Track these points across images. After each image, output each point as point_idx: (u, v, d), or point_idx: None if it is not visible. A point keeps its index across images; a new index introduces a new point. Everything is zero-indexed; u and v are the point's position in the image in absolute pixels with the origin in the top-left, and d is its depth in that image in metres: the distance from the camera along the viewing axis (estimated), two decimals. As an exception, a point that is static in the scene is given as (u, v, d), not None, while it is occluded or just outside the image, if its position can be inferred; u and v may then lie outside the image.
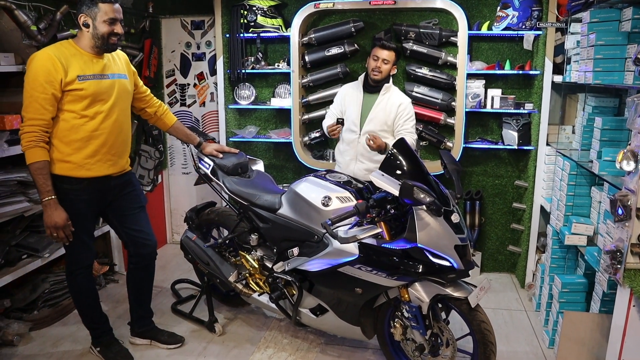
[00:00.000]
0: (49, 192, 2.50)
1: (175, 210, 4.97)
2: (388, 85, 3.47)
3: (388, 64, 3.38)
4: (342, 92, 3.63)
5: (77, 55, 2.55)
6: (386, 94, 3.45)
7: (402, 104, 3.43)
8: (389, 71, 3.41)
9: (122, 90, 2.74)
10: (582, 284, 3.01)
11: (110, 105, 2.65)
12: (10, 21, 2.99)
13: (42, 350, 3.10)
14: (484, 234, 4.26)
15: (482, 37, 3.96)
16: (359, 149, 3.46)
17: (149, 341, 3.16)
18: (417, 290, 2.48)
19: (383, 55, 3.35)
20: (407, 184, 2.22)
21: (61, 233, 2.55)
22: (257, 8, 4.09)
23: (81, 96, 2.54)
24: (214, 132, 4.64)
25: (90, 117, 2.59)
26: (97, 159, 2.65)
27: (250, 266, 3.15)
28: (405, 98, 3.50)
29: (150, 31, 4.42)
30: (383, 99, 3.43)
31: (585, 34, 2.78)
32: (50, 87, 2.44)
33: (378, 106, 3.43)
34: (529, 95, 3.96)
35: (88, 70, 2.56)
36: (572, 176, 3.01)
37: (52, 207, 2.51)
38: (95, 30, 2.53)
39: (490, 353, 2.44)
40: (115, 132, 2.71)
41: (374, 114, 3.43)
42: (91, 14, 2.50)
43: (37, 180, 2.48)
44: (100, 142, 2.65)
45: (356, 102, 3.49)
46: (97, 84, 2.58)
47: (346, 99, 3.56)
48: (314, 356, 3.07)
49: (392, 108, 3.42)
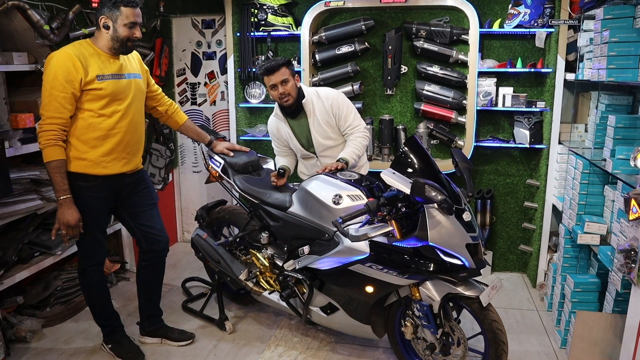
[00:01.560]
0: (65, 191, 2.53)
1: (186, 208, 4.99)
2: (305, 100, 3.13)
3: (289, 81, 3.03)
4: (272, 131, 3.36)
5: (95, 55, 2.57)
6: (311, 108, 3.15)
7: (333, 104, 3.13)
8: (295, 86, 3.08)
9: (138, 89, 2.77)
10: (594, 284, 2.98)
11: (127, 104, 2.69)
12: (23, 21, 3.02)
13: (54, 346, 3.13)
14: (495, 233, 4.24)
15: (493, 35, 3.93)
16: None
17: (160, 340, 3.17)
18: (428, 288, 2.47)
19: (275, 79, 3.02)
20: (419, 182, 2.22)
21: (71, 232, 2.58)
22: (267, 7, 4.09)
23: (100, 96, 2.57)
24: (225, 130, 4.65)
25: (107, 116, 2.62)
26: (112, 157, 2.68)
27: (261, 264, 3.16)
28: (329, 94, 3.17)
29: (161, 30, 4.44)
30: (313, 119, 3.16)
31: (598, 31, 2.76)
32: (70, 86, 2.46)
33: (315, 124, 3.17)
34: (541, 93, 3.93)
35: (106, 70, 2.59)
36: (585, 175, 2.98)
37: (66, 206, 2.54)
38: (115, 32, 2.56)
39: (502, 352, 2.42)
40: (131, 131, 2.73)
41: (316, 133, 3.18)
42: (112, 16, 2.53)
43: (54, 179, 2.51)
44: (117, 141, 2.67)
45: (291, 134, 3.25)
46: (115, 83, 2.61)
47: (280, 134, 3.30)
48: (324, 355, 3.07)
49: (328, 115, 3.15)
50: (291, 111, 3.18)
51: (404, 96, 4.17)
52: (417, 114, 4.11)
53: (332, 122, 3.19)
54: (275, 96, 3.09)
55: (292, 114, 3.20)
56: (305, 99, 3.14)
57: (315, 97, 3.17)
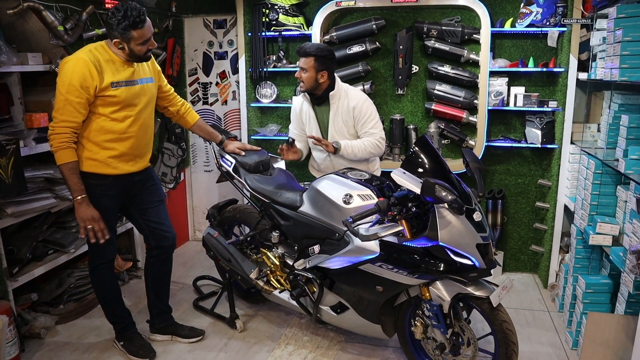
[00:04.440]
0: (82, 191, 2.58)
1: (197, 207, 5.02)
2: (333, 93, 3.22)
3: (308, 71, 3.13)
4: (295, 109, 3.46)
5: (110, 61, 2.60)
6: (336, 103, 3.24)
7: (356, 107, 3.20)
8: (313, 79, 3.15)
9: (150, 94, 2.82)
10: (606, 285, 2.96)
11: (139, 110, 2.73)
12: (38, 22, 3.06)
13: (67, 343, 3.17)
14: (506, 233, 4.22)
15: (505, 34, 3.91)
16: (335, 164, 3.32)
17: (170, 337, 3.20)
18: (439, 288, 2.47)
19: (300, 63, 3.15)
20: (429, 181, 2.22)
21: (97, 225, 2.61)
22: (278, 6, 4.10)
23: (113, 102, 2.61)
24: (236, 130, 4.67)
25: (119, 120, 2.67)
26: (122, 159, 2.74)
27: (272, 263, 3.17)
28: (357, 97, 3.25)
29: (173, 30, 4.47)
30: (335, 109, 3.25)
31: (611, 30, 2.73)
32: (85, 92, 2.50)
33: (335, 119, 3.26)
34: (553, 93, 3.90)
35: (120, 76, 2.62)
36: (597, 175, 2.96)
37: (85, 204, 2.59)
38: (131, 51, 2.60)
39: (512, 353, 2.42)
40: (141, 135, 2.79)
41: (333, 127, 3.27)
42: (125, 39, 2.55)
43: (70, 180, 2.55)
44: (128, 144, 2.73)
45: (311, 119, 3.33)
46: (128, 90, 2.65)
47: (301, 115, 3.40)
48: (334, 354, 3.07)
49: (349, 115, 3.23)
50: (317, 99, 3.28)
51: (415, 96, 4.16)
52: (428, 114, 4.10)
53: (350, 122, 3.24)
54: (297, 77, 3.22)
55: (317, 100, 3.30)
56: (333, 92, 3.22)
57: (344, 94, 3.25)
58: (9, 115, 2.96)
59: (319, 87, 3.21)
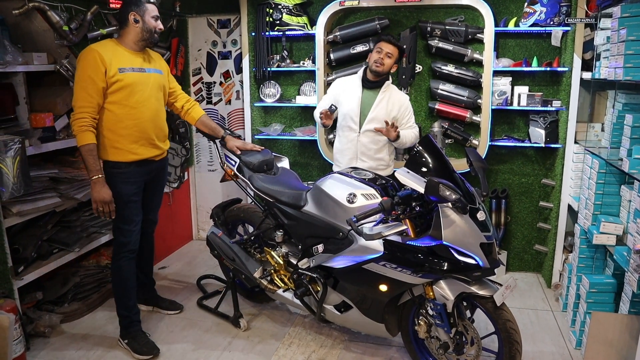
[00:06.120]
0: (98, 171, 2.79)
1: (201, 206, 5.03)
2: (389, 82, 3.44)
3: (391, 58, 3.33)
4: (338, 86, 3.55)
5: (118, 52, 2.85)
6: (386, 91, 3.41)
7: (404, 105, 3.44)
8: (390, 66, 3.37)
9: (158, 82, 3.04)
10: (610, 284, 2.96)
11: (148, 94, 2.95)
12: (43, 22, 3.08)
13: (72, 341, 3.19)
14: (509, 232, 4.22)
15: (508, 34, 3.91)
16: (359, 147, 3.41)
17: (152, 307, 3.54)
18: (442, 288, 2.47)
19: (388, 48, 3.32)
20: (433, 181, 2.22)
21: (107, 207, 2.83)
22: (282, 6, 4.11)
23: (122, 86, 2.82)
24: (240, 129, 4.68)
25: (132, 107, 2.88)
26: (140, 143, 2.96)
27: (275, 262, 3.18)
28: (404, 96, 3.50)
29: (177, 30, 4.48)
30: (384, 97, 3.39)
31: (615, 30, 2.73)
32: (96, 78, 2.74)
33: (379, 104, 3.38)
34: (556, 92, 3.90)
35: (128, 64, 2.86)
36: (601, 174, 2.96)
37: (100, 184, 2.80)
38: (144, 25, 2.87)
39: (516, 352, 2.42)
40: (154, 119, 3.00)
41: (375, 112, 3.38)
42: (140, 11, 2.85)
43: (88, 160, 2.77)
44: (143, 129, 2.94)
45: (355, 98, 3.42)
46: (135, 75, 2.88)
47: (343, 93, 3.48)
48: (337, 352, 3.08)
49: (394, 107, 3.39)
50: (370, 82, 3.42)
51: (419, 95, 4.16)
52: (432, 113, 4.11)
53: (393, 114, 3.40)
54: (375, 58, 3.34)
55: (370, 84, 3.43)
56: (389, 82, 3.46)
57: (395, 90, 3.50)
58: (15, 115, 2.99)
59: (385, 74, 3.40)
